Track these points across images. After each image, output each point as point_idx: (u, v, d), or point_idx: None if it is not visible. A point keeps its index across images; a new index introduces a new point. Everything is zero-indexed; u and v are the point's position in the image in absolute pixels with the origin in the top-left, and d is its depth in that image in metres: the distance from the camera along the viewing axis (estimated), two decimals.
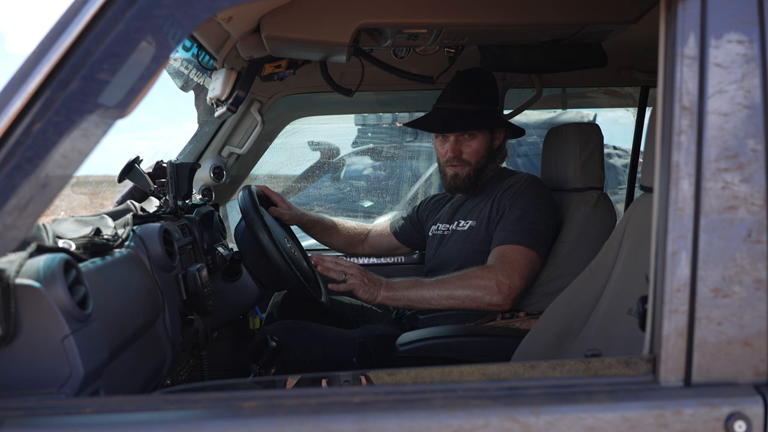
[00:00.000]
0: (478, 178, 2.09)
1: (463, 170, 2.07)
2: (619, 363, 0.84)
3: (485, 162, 2.08)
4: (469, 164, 2.07)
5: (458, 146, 2.05)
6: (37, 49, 0.79)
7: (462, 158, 2.06)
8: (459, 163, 2.06)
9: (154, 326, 1.41)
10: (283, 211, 2.25)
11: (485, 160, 2.08)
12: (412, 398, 0.79)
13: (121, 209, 1.70)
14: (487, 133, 2.07)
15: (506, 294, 1.83)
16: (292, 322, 2.06)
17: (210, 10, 0.80)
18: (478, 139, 2.05)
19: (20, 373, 0.85)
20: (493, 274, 1.84)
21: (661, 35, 0.86)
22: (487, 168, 2.10)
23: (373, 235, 2.49)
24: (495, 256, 1.90)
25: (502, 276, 1.83)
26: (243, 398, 0.79)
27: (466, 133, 2.05)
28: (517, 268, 1.85)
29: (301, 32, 1.53)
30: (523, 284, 1.86)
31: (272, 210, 2.21)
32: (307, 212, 2.39)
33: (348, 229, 2.48)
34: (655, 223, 0.85)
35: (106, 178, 3.04)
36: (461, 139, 2.06)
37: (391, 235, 2.45)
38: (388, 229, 2.47)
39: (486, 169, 2.10)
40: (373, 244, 2.49)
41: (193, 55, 1.99)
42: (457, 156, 2.06)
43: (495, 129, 2.09)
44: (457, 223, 2.11)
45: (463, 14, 1.51)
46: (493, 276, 1.84)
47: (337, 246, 2.49)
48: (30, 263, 0.88)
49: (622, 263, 1.31)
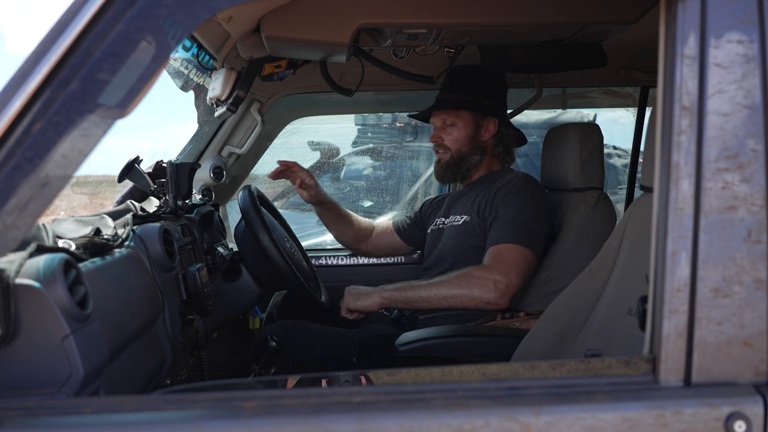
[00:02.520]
0: (459, 166, 2.13)
1: (444, 156, 2.14)
2: (619, 363, 0.84)
3: (467, 151, 2.12)
4: (449, 151, 2.12)
5: (440, 133, 2.13)
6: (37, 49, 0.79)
7: (443, 144, 2.13)
8: (441, 149, 2.14)
9: (154, 326, 1.41)
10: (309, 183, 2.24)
11: (467, 149, 2.12)
12: (412, 398, 0.79)
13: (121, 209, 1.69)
14: (469, 122, 2.11)
15: (503, 292, 1.84)
16: (292, 322, 2.06)
17: (210, 10, 0.80)
18: (457, 127, 2.11)
19: (20, 373, 0.85)
20: (489, 273, 1.85)
21: (661, 35, 0.86)
22: (470, 158, 2.12)
23: (377, 233, 2.50)
24: (491, 255, 1.91)
25: (498, 275, 1.84)
26: (243, 398, 0.79)
27: (448, 119, 2.12)
28: (513, 266, 1.86)
29: (301, 32, 1.53)
30: (520, 282, 1.87)
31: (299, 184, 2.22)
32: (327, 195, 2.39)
33: (358, 222, 2.48)
34: (655, 223, 0.85)
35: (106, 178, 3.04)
36: (444, 125, 2.13)
37: (394, 233, 2.45)
38: (391, 227, 2.47)
39: (468, 158, 2.12)
40: (376, 243, 2.49)
41: (193, 55, 1.99)
42: (438, 142, 2.14)
43: (481, 120, 2.11)
44: (453, 217, 2.12)
45: (463, 14, 1.51)
46: (490, 275, 1.85)
47: (345, 237, 2.47)
48: (30, 263, 0.87)
49: (622, 263, 1.31)
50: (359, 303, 1.96)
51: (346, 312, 1.99)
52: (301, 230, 3.13)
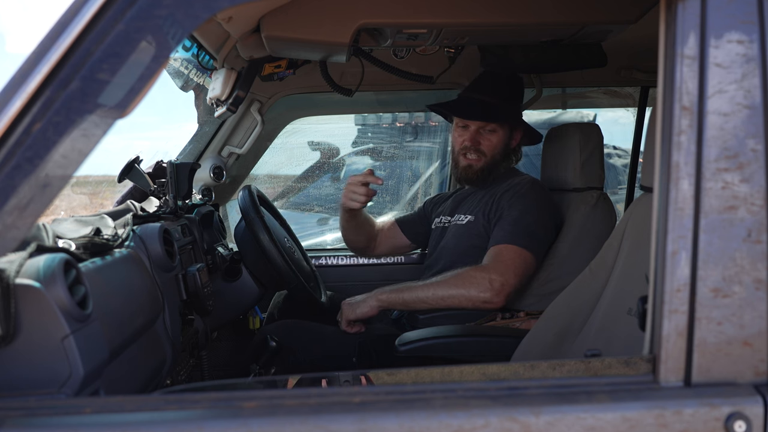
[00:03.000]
0: (490, 172, 2.11)
1: (478, 162, 2.09)
2: (619, 363, 0.84)
3: (500, 158, 2.11)
4: (484, 156, 2.09)
5: (477, 137, 2.09)
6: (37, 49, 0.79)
7: (479, 149, 2.08)
8: (475, 153, 2.09)
9: (154, 326, 1.41)
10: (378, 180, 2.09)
11: (500, 156, 2.11)
12: (412, 398, 0.79)
13: (121, 209, 1.69)
14: (507, 130, 2.10)
15: (499, 291, 1.84)
16: (292, 322, 2.06)
17: (210, 10, 0.80)
18: (498, 134, 2.09)
19: (20, 373, 0.85)
20: (486, 273, 1.86)
21: (661, 35, 0.86)
22: (500, 165, 2.12)
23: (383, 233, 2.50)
24: (490, 255, 1.91)
25: (495, 274, 1.85)
26: (243, 398, 0.79)
27: (488, 126, 2.08)
28: (511, 267, 1.86)
29: (301, 32, 1.53)
30: (517, 282, 1.87)
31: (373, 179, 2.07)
32: None
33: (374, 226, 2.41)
34: (655, 223, 0.85)
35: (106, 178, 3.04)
36: (482, 130, 2.09)
37: (397, 229, 2.44)
38: (394, 223, 2.46)
39: (499, 165, 2.12)
40: (383, 242, 2.49)
41: (193, 55, 2.00)
42: (475, 146, 2.08)
43: (514, 128, 2.12)
44: (458, 216, 2.13)
45: (463, 14, 1.51)
46: (486, 275, 1.85)
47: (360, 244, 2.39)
48: (30, 263, 0.87)
49: (622, 263, 1.31)
50: (358, 311, 1.95)
51: (347, 326, 1.98)
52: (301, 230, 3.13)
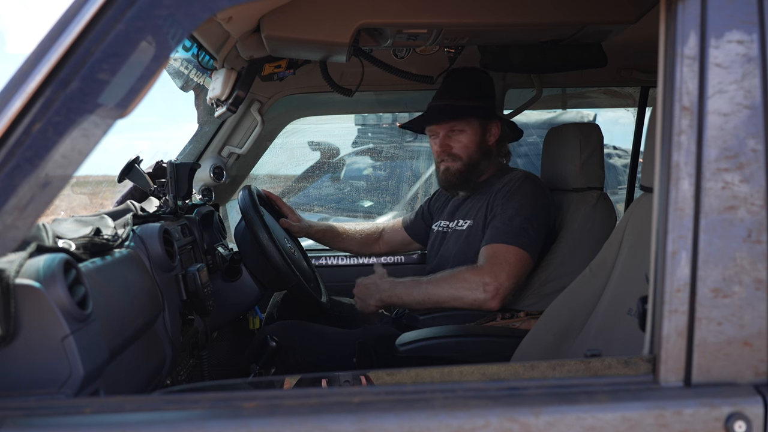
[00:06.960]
0: (471, 174, 2.09)
1: (454, 165, 2.08)
2: (619, 363, 0.84)
3: (477, 158, 2.08)
4: (460, 159, 2.08)
5: (447, 141, 2.08)
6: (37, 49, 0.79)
7: (452, 153, 2.08)
8: (449, 158, 2.08)
9: (154, 326, 1.41)
10: (293, 224, 2.28)
11: (477, 155, 2.08)
12: (412, 398, 0.79)
13: (121, 209, 1.69)
14: (477, 128, 2.08)
15: (492, 294, 1.83)
16: (292, 322, 2.06)
17: (210, 10, 0.80)
18: (467, 134, 2.07)
19: (20, 373, 0.84)
20: (479, 275, 1.85)
21: (661, 35, 0.86)
22: (480, 164, 2.09)
23: (387, 232, 2.51)
24: (484, 256, 1.91)
25: (488, 277, 1.84)
26: (243, 398, 0.79)
27: (455, 128, 2.07)
28: (505, 268, 1.85)
29: (301, 32, 1.53)
30: (511, 283, 1.86)
31: (282, 221, 2.25)
32: (315, 223, 2.41)
33: (359, 231, 2.49)
34: (655, 223, 0.85)
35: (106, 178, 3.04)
36: (450, 134, 2.08)
37: (403, 230, 2.46)
38: (400, 223, 2.48)
39: (479, 165, 2.09)
40: (388, 241, 2.50)
41: (193, 55, 1.99)
42: (446, 151, 2.08)
43: (487, 124, 2.09)
44: (457, 222, 2.12)
45: (463, 14, 1.51)
46: (480, 278, 1.84)
47: (352, 250, 2.51)
48: (30, 263, 0.87)
49: (622, 263, 1.31)
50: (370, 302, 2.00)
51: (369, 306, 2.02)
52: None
